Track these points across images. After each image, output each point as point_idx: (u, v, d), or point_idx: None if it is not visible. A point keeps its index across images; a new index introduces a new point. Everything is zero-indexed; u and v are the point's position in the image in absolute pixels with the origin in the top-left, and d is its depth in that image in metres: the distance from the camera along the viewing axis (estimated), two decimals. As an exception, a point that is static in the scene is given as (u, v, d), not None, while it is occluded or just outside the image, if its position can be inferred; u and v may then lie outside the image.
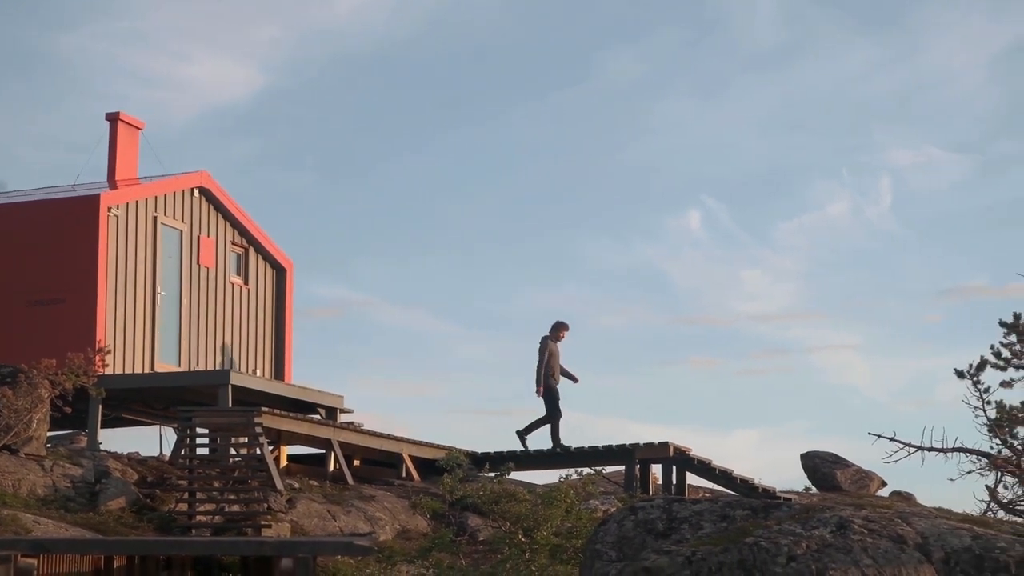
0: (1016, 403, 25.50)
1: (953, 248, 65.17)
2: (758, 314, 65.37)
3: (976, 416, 24.73)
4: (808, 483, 27.16)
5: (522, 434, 26.22)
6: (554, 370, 26.51)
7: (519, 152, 65.80)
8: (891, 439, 21.91)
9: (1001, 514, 24.41)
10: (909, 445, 22.23)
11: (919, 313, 63.47)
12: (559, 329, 25.91)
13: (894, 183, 65.72)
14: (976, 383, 24.72)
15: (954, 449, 23.43)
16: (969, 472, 24.49)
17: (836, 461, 26.90)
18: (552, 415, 26.72)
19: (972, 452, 23.98)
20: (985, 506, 24.79)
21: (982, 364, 25.17)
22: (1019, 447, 24.58)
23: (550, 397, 26.63)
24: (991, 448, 24.67)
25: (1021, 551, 16.38)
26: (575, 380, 26.64)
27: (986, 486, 24.70)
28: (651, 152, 65.48)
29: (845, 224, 66.34)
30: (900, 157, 66.64)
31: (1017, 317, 26.79)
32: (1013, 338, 26.71)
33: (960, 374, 24.86)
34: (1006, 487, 24.94)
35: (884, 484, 26.70)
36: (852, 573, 15.00)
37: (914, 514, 17.93)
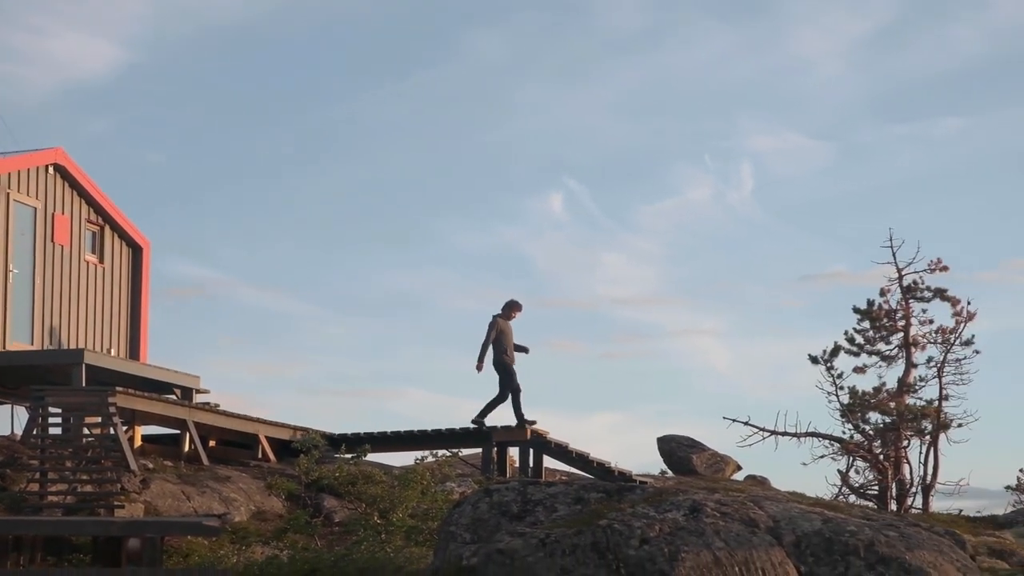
0: (868, 389, 26.11)
1: (813, 234, 66.17)
2: (619, 298, 65.82)
3: (829, 401, 25.29)
4: (664, 467, 27.50)
5: (478, 420, 26.05)
6: (507, 347, 26.35)
7: (380, 132, 65.59)
8: (745, 423, 22.26)
9: (852, 498, 24.88)
10: (763, 430, 22.62)
11: (779, 298, 64.33)
12: (511, 308, 25.76)
13: (755, 169, 66.56)
14: (829, 369, 25.24)
15: (807, 434, 23.89)
16: (822, 457, 24.97)
17: (692, 445, 27.26)
18: (505, 391, 26.56)
19: (825, 437, 24.46)
20: (837, 490, 25.31)
21: (835, 350, 25.70)
22: (871, 432, 25.15)
23: (504, 373, 26.43)
24: (843, 433, 25.21)
25: (870, 535, 16.68)
26: (526, 351, 26.53)
27: (838, 471, 25.26)
28: (513, 134, 65.62)
29: (707, 209, 67.06)
30: (761, 143, 67.50)
31: (870, 304, 27.38)
32: (866, 324, 27.30)
33: (814, 360, 25.35)
34: (857, 472, 25.50)
35: (739, 468, 27.12)
36: (704, 556, 15.15)
37: (766, 498, 18.21)
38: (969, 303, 27.11)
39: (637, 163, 67.41)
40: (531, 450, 25.06)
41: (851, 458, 25.28)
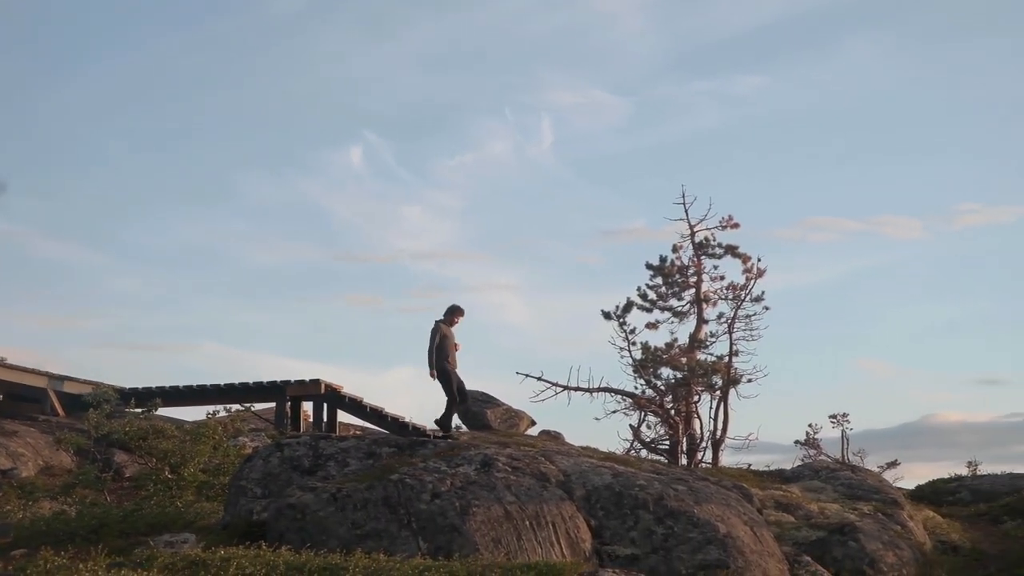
0: (661, 344, 26.51)
1: (613, 190, 66.98)
2: (418, 252, 65.94)
3: (622, 357, 25.58)
4: (459, 422, 27.62)
5: (443, 426, 25.68)
6: (449, 353, 25.95)
7: (175, 82, 64.56)
8: (539, 379, 22.44)
9: (644, 453, 25.29)
10: (556, 385, 22.81)
11: (578, 254, 65.01)
12: (453, 314, 25.24)
13: (556, 123, 67.08)
14: (622, 325, 25.56)
15: (599, 389, 24.17)
16: (614, 412, 25.27)
17: (487, 400, 27.41)
18: (452, 396, 26.21)
19: (617, 392, 24.79)
20: (629, 445, 25.68)
21: (628, 306, 26.03)
22: (662, 388, 25.54)
23: (446, 380, 26.02)
24: (636, 388, 25.58)
25: (660, 489, 17.02)
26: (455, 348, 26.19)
27: (630, 425, 25.64)
28: (312, 85, 65.16)
29: (506, 163, 67.44)
30: (562, 98, 68.01)
31: (663, 260, 27.79)
32: (659, 280, 27.71)
33: (607, 315, 25.64)
34: (649, 426, 25.90)
35: (534, 423, 27.36)
36: (495, 510, 15.30)
37: (558, 452, 18.44)
38: (760, 260, 27.64)
39: (437, 117, 67.50)
40: (325, 405, 25.01)
41: (643, 413, 25.66)
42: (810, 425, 28.12)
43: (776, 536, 17.81)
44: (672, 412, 25.33)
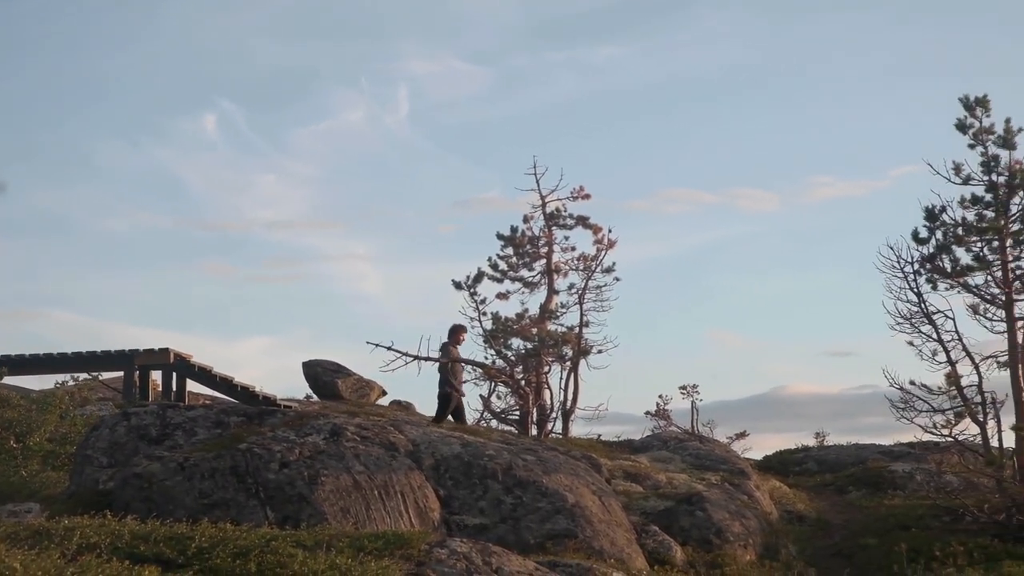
0: (511, 315, 26.74)
1: (468, 159, 67.17)
2: (272, 221, 65.58)
3: (473, 327, 25.72)
4: (310, 391, 27.63)
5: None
6: (458, 377, 25.60)
7: (28, 48, 63.42)
8: (389, 348, 22.48)
9: (495, 423, 25.51)
10: (406, 354, 22.84)
11: (434, 224, 65.10)
12: (458, 333, 24.89)
13: (412, 93, 67.01)
14: (473, 295, 25.71)
15: (449, 359, 24.26)
16: (465, 382, 25.36)
17: (338, 370, 27.46)
18: (444, 411, 26.02)
19: (467, 362, 24.89)
20: (479, 415, 25.88)
21: (479, 276, 26.18)
22: (513, 358, 25.74)
23: (444, 403, 25.70)
24: (486, 358, 25.75)
25: (508, 459, 17.26)
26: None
27: (480, 396, 25.83)
28: (167, 53, 64.36)
29: (362, 132, 67.29)
30: (419, 67, 67.96)
31: (514, 231, 27.98)
32: (510, 251, 27.92)
33: (458, 285, 25.78)
34: (499, 397, 26.11)
35: (385, 393, 27.47)
36: (344, 479, 15.41)
37: (407, 422, 18.61)
38: (611, 231, 27.91)
39: (293, 85, 67.10)
40: (174, 374, 24.86)
41: (493, 383, 25.85)
42: (660, 396, 28.57)
43: (624, 506, 18.14)
44: (522, 382, 25.52)
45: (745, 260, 69.02)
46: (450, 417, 21.79)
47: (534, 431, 24.95)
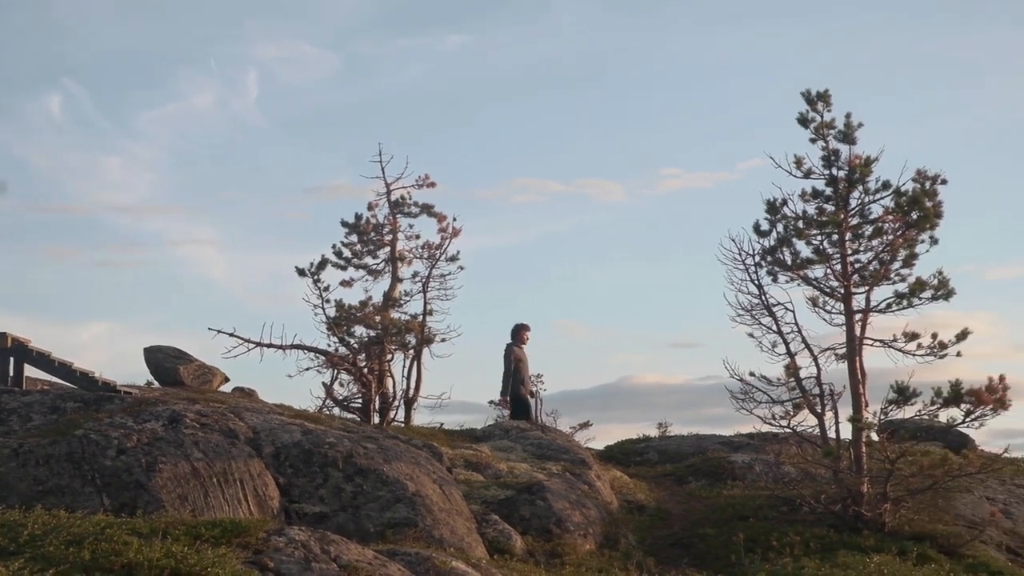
0: (355, 302, 26.67)
1: (318, 146, 66.75)
2: (118, 204, 64.64)
3: (316, 314, 25.66)
4: (151, 378, 27.35)
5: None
6: (524, 378, 25.18)
7: None
8: (231, 334, 22.39)
9: (336, 411, 25.47)
10: (248, 341, 22.80)
11: (283, 210, 64.58)
12: (521, 331, 24.38)
13: (261, 77, 66.48)
14: (316, 282, 25.60)
15: (292, 346, 24.18)
16: (307, 369, 25.30)
17: (179, 356, 27.20)
18: (524, 413, 25.66)
19: (309, 349, 24.85)
20: (321, 403, 25.81)
21: (323, 263, 26.04)
22: (355, 345, 25.70)
23: (521, 406, 25.31)
24: (329, 346, 25.69)
25: (349, 447, 17.33)
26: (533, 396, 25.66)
27: (323, 383, 25.73)
28: (9, 31, 63.11)
29: (210, 116, 66.55)
30: (268, 51, 67.43)
31: (358, 218, 27.96)
32: (354, 238, 27.90)
33: (301, 272, 25.65)
34: (342, 384, 26.03)
35: (227, 380, 27.25)
36: (182, 466, 15.38)
37: (247, 409, 18.58)
38: (455, 219, 28.00)
39: (139, 66, 66.14)
40: (11, 359, 24.48)
41: (336, 371, 25.78)
42: (504, 386, 28.73)
43: (465, 495, 18.30)
44: (365, 370, 25.51)
45: (592, 250, 69.52)
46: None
47: (376, 419, 24.97)
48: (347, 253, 27.91)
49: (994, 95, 71.16)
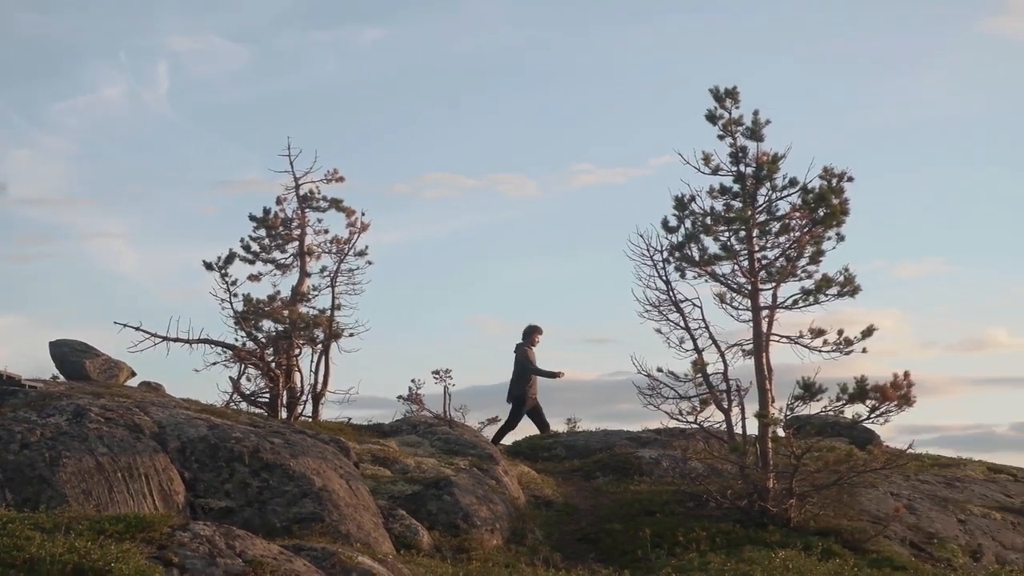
0: (263, 297, 26.65)
1: (229, 139, 66.40)
2: (26, 198, 63.96)
3: (223, 309, 25.61)
4: (57, 372, 27.15)
5: (494, 440, 25.11)
6: (532, 382, 25.03)
7: None
8: (137, 328, 22.30)
9: (244, 405, 25.43)
10: (155, 335, 22.71)
11: (194, 204, 64.17)
12: (533, 334, 24.13)
13: (172, 69, 66.00)
14: (224, 276, 25.53)
15: (199, 340, 24.13)
16: (215, 363, 25.25)
17: (86, 350, 27.01)
18: (514, 422, 25.75)
19: (217, 344, 24.80)
20: (228, 397, 25.76)
21: (231, 257, 26.00)
22: (263, 340, 25.69)
23: (518, 407, 25.23)
24: (236, 341, 25.65)
25: (256, 442, 17.33)
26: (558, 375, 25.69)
27: (230, 378, 25.68)
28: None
29: (121, 108, 66.00)
30: (180, 43, 66.93)
31: (267, 212, 27.90)
32: (262, 232, 27.83)
33: (209, 266, 25.57)
34: (249, 379, 26.00)
35: (134, 374, 27.10)
36: (87, 461, 15.31)
37: (153, 404, 18.52)
38: (364, 214, 28.03)
39: (49, 58, 65.45)
40: (-90, 353, 24.25)
41: (243, 365, 25.73)
42: (413, 380, 28.73)
43: (372, 490, 18.35)
44: (273, 365, 25.51)
45: (505, 245, 69.72)
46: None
47: (284, 414, 24.97)
48: (255, 247, 27.82)
49: (905, 93, 72.13)
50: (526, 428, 26.81)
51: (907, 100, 71.67)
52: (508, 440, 25.96)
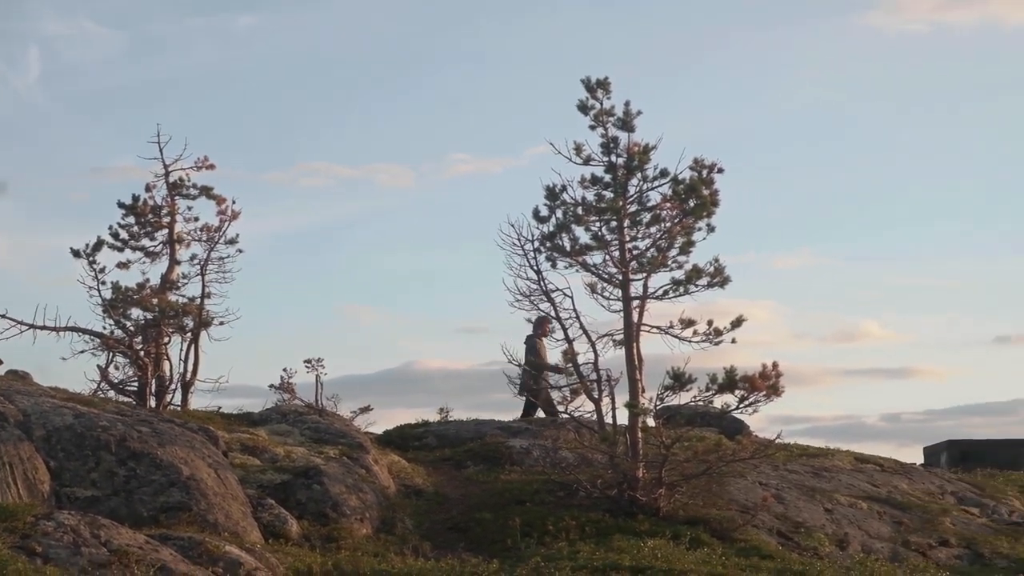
0: (132, 284, 26.47)
1: (103, 126, 65.61)
2: None
3: (92, 296, 25.40)
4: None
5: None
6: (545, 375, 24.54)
7: None
8: (2, 316, 22.09)
9: (112, 394, 25.25)
10: (20, 323, 22.50)
11: (65, 191, 63.39)
12: (544, 324, 23.58)
13: (44, 54, 65.11)
14: (92, 263, 25.33)
15: (66, 328, 23.92)
16: (83, 352, 25.04)
17: (-51, 340, 26.70)
18: (533, 406, 25.82)
19: (84, 332, 24.59)
20: (96, 386, 25.56)
21: (99, 244, 25.80)
22: (132, 328, 25.52)
23: (535, 398, 24.77)
24: (105, 328, 25.45)
25: (123, 430, 17.28)
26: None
27: (97, 366, 25.48)
28: None
29: (-10, 94, 64.87)
30: (51, 28, 66.04)
31: (136, 199, 27.70)
32: (132, 220, 27.63)
33: (76, 253, 25.36)
34: (118, 367, 25.83)
35: (1, 363, 26.84)
36: (-52, 450, 15.21)
37: (18, 392, 18.38)
38: (234, 202, 27.93)
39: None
40: None
41: (111, 354, 25.55)
42: (284, 369, 28.66)
43: (241, 479, 18.36)
44: (142, 353, 25.35)
45: (381, 235, 69.71)
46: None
47: (152, 403, 24.83)
48: (124, 235, 27.61)
49: (778, 86, 73.04)
50: (402, 418, 26.86)
51: (781, 93, 72.57)
52: (378, 429, 25.98)
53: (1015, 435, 35.30)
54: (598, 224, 20.67)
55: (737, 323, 20.12)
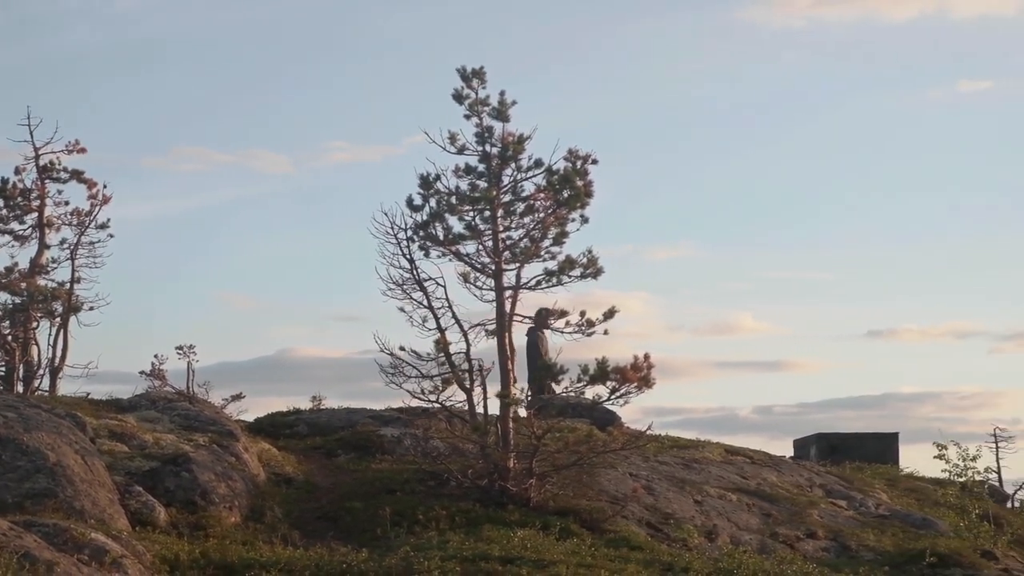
0: (1, 269, 26.27)
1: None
2: None
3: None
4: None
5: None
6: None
7: None
8: None
9: None
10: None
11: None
12: (547, 316, 23.08)
13: None
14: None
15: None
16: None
17: None
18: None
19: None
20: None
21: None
22: (0, 313, 25.35)
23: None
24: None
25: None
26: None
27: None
28: None
29: None
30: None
31: (5, 182, 27.45)
32: (0, 203, 27.39)
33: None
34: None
35: None
36: None
37: None
38: (105, 186, 27.79)
39: None
40: None
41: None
42: (156, 356, 28.55)
43: (108, 466, 18.30)
44: (9, 338, 25.18)
45: (256, 221, 69.45)
46: None
47: (20, 388, 24.67)
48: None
49: (660, 79, 73.65)
50: (276, 406, 26.81)
51: (659, 85, 73.17)
52: (250, 417, 25.92)
53: (886, 429, 36.01)
54: (472, 214, 20.78)
55: (610, 314, 20.34)
